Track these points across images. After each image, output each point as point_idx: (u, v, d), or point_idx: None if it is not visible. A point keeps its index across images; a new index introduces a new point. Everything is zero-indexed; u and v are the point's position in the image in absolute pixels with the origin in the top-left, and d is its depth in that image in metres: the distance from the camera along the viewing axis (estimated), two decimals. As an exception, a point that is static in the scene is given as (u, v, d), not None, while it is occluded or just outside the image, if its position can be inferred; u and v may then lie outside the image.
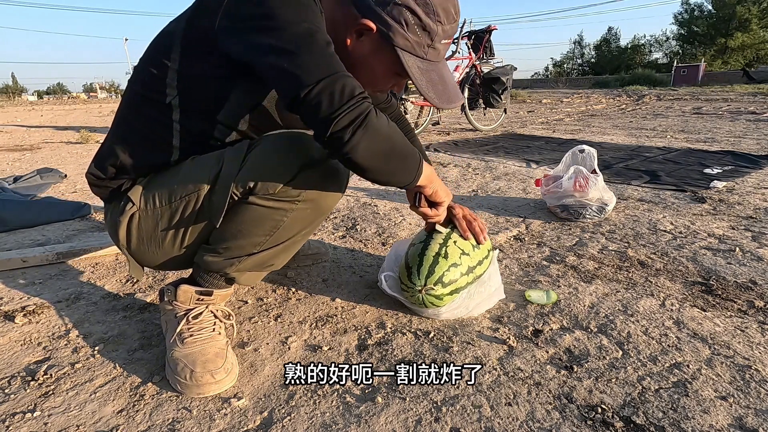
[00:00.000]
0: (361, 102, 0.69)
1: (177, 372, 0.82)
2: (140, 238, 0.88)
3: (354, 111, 0.68)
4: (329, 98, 0.66)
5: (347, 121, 0.67)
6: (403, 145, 0.78)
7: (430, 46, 0.80)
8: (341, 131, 0.67)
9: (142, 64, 0.84)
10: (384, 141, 0.73)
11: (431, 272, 0.99)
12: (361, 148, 0.69)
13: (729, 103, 7.92)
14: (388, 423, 0.74)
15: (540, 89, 20.63)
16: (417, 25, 0.77)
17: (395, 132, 0.75)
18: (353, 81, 0.70)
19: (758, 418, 0.72)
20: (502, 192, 2.26)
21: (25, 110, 12.33)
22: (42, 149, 4.23)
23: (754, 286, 1.17)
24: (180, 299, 0.90)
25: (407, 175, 0.81)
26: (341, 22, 0.79)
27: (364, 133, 0.69)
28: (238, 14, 0.71)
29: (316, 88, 0.66)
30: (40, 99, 36.72)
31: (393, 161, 0.77)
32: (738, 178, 2.34)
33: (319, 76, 0.67)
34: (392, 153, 0.76)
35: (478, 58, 4.67)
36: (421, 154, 0.85)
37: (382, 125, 0.72)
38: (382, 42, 0.78)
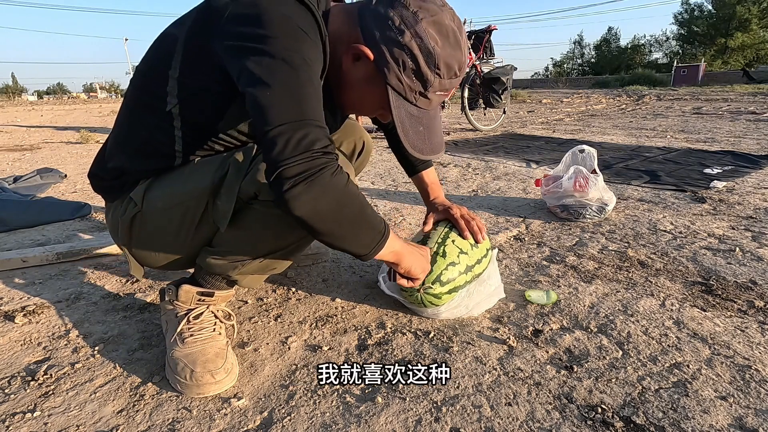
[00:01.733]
0: (318, 157, 0.66)
1: (177, 372, 0.82)
2: (142, 238, 0.88)
3: (304, 164, 0.64)
4: (284, 144, 0.64)
5: (293, 172, 0.64)
6: (359, 214, 0.74)
7: (422, 94, 0.78)
8: (284, 180, 0.64)
9: (144, 67, 0.83)
10: (332, 202, 0.68)
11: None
12: (300, 203, 0.65)
13: (729, 103, 7.92)
14: (388, 423, 0.74)
15: (540, 89, 20.63)
16: (413, 70, 0.75)
17: (353, 198, 0.72)
18: (318, 132, 0.67)
19: (758, 418, 0.72)
20: (502, 192, 2.26)
21: (25, 110, 12.33)
22: (42, 149, 4.23)
23: (754, 286, 1.17)
24: (181, 299, 0.90)
25: (360, 247, 0.77)
26: (344, 38, 0.77)
27: (307, 189, 0.65)
28: (235, 33, 0.69)
29: (276, 130, 0.64)
30: (40, 99, 36.71)
31: (342, 227, 0.72)
32: (738, 178, 2.34)
33: (284, 120, 0.64)
34: (341, 218, 0.71)
35: (478, 58, 4.68)
36: (383, 230, 0.79)
37: (336, 186, 0.68)
38: (376, 74, 0.76)
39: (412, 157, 1.22)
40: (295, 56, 0.67)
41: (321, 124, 0.68)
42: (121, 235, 0.89)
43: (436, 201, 1.21)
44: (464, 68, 0.80)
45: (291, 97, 0.66)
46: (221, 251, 0.86)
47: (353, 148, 1.16)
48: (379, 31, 0.74)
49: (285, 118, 0.65)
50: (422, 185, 1.24)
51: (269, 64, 0.66)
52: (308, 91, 0.67)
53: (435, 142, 0.83)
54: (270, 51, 0.66)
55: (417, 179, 1.24)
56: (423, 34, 0.73)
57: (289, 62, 0.66)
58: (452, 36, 0.75)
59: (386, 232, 0.80)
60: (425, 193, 1.24)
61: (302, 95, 0.67)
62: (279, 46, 0.66)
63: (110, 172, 0.88)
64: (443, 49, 0.74)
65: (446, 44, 0.75)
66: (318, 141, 0.66)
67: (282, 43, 0.67)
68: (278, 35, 0.67)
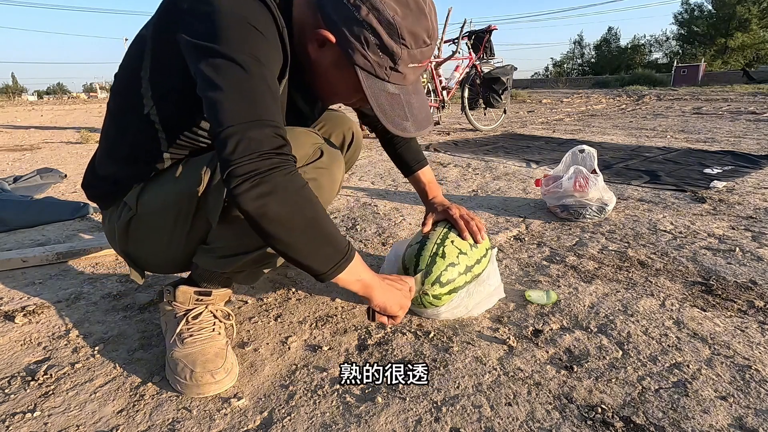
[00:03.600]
0: (269, 157, 0.64)
1: (177, 372, 0.82)
2: (139, 242, 0.88)
3: (253, 163, 0.63)
4: (234, 144, 0.63)
5: (241, 171, 0.63)
6: (314, 223, 0.70)
7: (393, 69, 0.75)
8: (232, 178, 0.63)
9: (120, 72, 0.83)
10: (282, 203, 0.65)
11: (428, 272, 0.99)
12: (246, 199, 0.64)
13: (729, 103, 7.92)
14: (388, 423, 0.74)
15: (540, 89, 20.63)
16: (377, 45, 0.72)
17: (308, 204, 0.69)
18: (270, 132, 0.65)
19: (758, 418, 0.72)
20: (502, 192, 2.26)
21: (25, 110, 12.33)
22: (42, 149, 4.23)
23: (754, 286, 1.17)
24: (179, 300, 0.90)
25: (316, 263, 0.72)
26: (308, 27, 0.76)
27: (254, 186, 0.63)
28: (191, 30, 0.68)
29: (227, 131, 0.63)
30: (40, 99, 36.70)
31: (294, 234, 0.68)
32: (738, 178, 2.34)
33: (235, 121, 0.64)
34: (293, 223, 0.68)
35: (478, 58, 4.68)
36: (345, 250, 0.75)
37: (287, 187, 0.66)
38: (343, 57, 0.74)
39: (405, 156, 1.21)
40: (247, 56, 0.65)
41: (274, 123, 0.66)
42: (119, 240, 0.90)
43: (434, 201, 1.20)
44: (435, 35, 0.76)
45: (242, 98, 0.64)
46: (215, 248, 0.86)
47: (342, 140, 1.14)
48: (337, 12, 0.72)
49: (236, 119, 0.64)
50: (419, 185, 1.23)
51: (221, 65, 0.65)
52: (261, 90, 0.66)
53: (419, 119, 0.80)
54: (222, 51, 0.65)
55: (413, 179, 1.24)
56: (379, 5, 0.70)
57: (240, 62, 0.65)
58: (413, 3, 0.72)
59: (350, 253, 0.76)
60: (423, 193, 1.23)
61: (254, 95, 0.65)
62: (231, 46, 0.65)
63: (102, 180, 0.89)
64: (404, 19, 0.71)
65: (407, 13, 0.71)
66: (268, 141, 0.65)
67: (234, 44, 0.65)
68: (230, 36, 0.66)
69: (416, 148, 1.23)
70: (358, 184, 2.50)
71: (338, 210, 1.98)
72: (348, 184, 2.49)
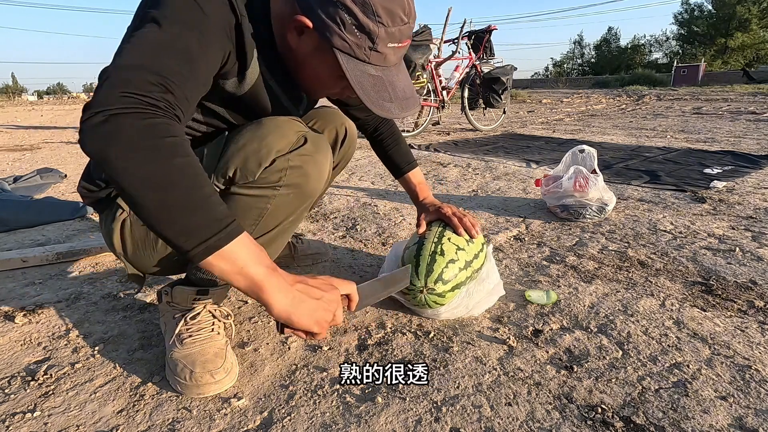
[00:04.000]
0: (129, 96, 0.56)
1: (177, 373, 0.82)
2: (134, 243, 0.88)
3: (107, 99, 0.56)
4: (103, 81, 0.58)
5: (94, 104, 0.56)
6: (179, 184, 0.57)
7: (372, 49, 0.73)
8: (85, 110, 0.57)
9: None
10: (131, 148, 0.55)
11: (430, 271, 0.99)
12: (90, 137, 0.56)
13: (729, 103, 7.92)
14: (388, 423, 0.74)
15: (540, 89, 20.63)
16: (354, 25, 0.70)
17: (170, 161, 0.57)
18: (150, 78, 0.58)
19: (758, 418, 0.72)
20: (502, 192, 2.26)
21: (25, 110, 12.33)
22: (42, 149, 4.22)
23: (754, 286, 1.17)
24: (177, 300, 0.90)
25: (177, 234, 0.58)
26: (286, 17, 0.75)
27: (103, 122, 0.55)
28: (140, 8, 0.67)
29: (104, 71, 0.59)
30: (40, 99, 36.66)
31: (144, 191, 0.56)
32: (738, 178, 2.34)
33: (118, 62, 0.59)
34: (144, 178, 0.56)
35: (478, 58, 4.68)
36: (225, 223, 0.60)
37: (142, 133, 0.56)
38: (322, 42, 0.73)
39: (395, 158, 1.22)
40: (171, 21, 0.63)
41: (162, 73, 0.59)
42: (114, 243, 0.90)
43: (425, 201, 1.21)
44: (412, 14, 0.75)
45: (138, 48, 0.60)
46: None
47: (335, 137, 1.12)
48: None
49: (118, 62, 0.59)
50: (409, 186, 1.23)
51: (143, 25, 0.62)
52: (166, 48, 0.61)
53: (404, 100, 0.78)
54: (150, 14, 0.63)
55: (404, 180, 1.24)
56: None
57: (160, 22, 0.62)
58: None
59: (228, 230, 0.60)
60: (414, 194, 1.23)
61: (154, 49, 0.61)
62: (160, 12, 0.62)
63: (96, 184, 0.89)
64: None
65: None
66: (139, 84, 0.57)
67: (165, 11, 0.63)
68: (166, 6, 0.63)
69: (406, 150, 1.24)
70: (358, 184, 2.50)
71: (338, 210, 1.98)
72: (348, 184, 2.49)
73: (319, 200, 1.36)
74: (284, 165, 0.81)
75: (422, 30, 4.09)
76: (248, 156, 0.79)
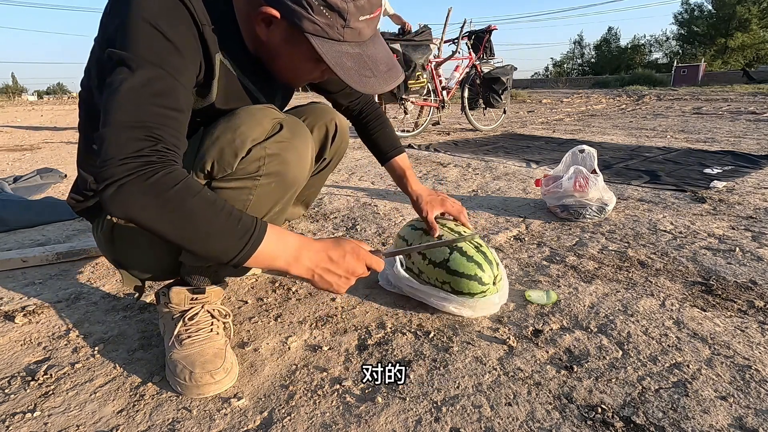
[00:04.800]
0: (126, 163, 0.61)
1: (176, 374, 0.82)
2: (125, 249, 0.88)
3: (110, 170, 0.61)
4: (98, 148, 0.63)
5: (102, 177, 0.62)
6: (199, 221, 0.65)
7: (344, 27, 0.72)
8: (99, 182, 0.63)
9: (81, 88, 0.84)
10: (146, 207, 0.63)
11: (490, 261, 1.07)
12: (113, 206, 0.63)
13: (729, 103, 7.92)
14: (388, 423, 0.74)
15: (540, 89, 20.63)
16: (322, 5, 0.69)
17: (181, 206, 0.64)
18: (137, 134, 0.63)
19: (758, 418, 0.72)
20: (502, 192, 2.26)
21: (25, 110, 12.33)
22: (42, 149, 4.22)
23: (754, 286, 1.17)
24: (174, 301, 0.90)
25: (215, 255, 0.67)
26: (252, 11, 0.74)
27: (117, 192, 0.61)
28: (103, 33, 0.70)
29: (98, 135, 0.63)
30: (40, 99, 36.64)
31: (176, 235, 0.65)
32: (738, 178, 2.34)
33: (106, 124, 0.63)
34: (170, 226, 0.64)
35: (478, 58, 4.68)
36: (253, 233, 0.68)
37: (151, 193, 0.62)
38: (292, 29, 0.72)
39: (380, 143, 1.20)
40: (139, 59, 0.65)
41: (147, 124, 0.64)
42: (107, 249, 0.90)
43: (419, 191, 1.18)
44: None
45: (118, 101, 0.63)
46: None
47: (325, 133, 1.11)
48: None
49: (107, 123, 0.63)
50: (396, 172, 1.20)
51: (113, 69, 0.65)
52: (142, 93, 0.64)
53: (387, 72, 0.78)
54: (117, 54, 0.65)
55: (389, 166, 1.21)
56: None
57: (129, 64, 0.64)
58: None
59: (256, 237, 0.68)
60: (401, 181, 1.20)
61: (132, 98, 0.64)
62: (127, 49, 0.65)
63: (84, 194, 0.90)
64: None
65: None
66: (129, 145, 0.62)
67: (130, 47, 0.65)
68: (130, 39, 0.65)
69: (392, 135, 1.22)
70: (358, 184, 2.50)
71: (338, 210, 1.98)
72: (348, 184, 2.49)
73: (316, 197, 1.35)
74: (261, 154, 0.80)
75: (422, 30, 4.09)
76: (223, 147, 0.78)
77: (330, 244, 0.76)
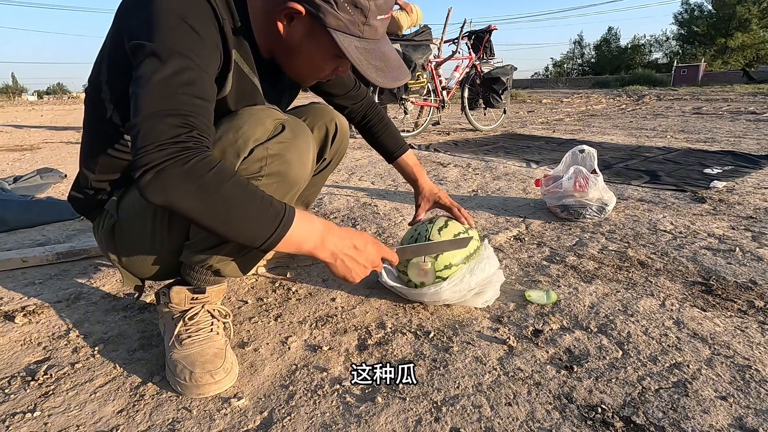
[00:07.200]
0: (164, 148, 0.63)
1: (176, 374, 0.82)
2: (127, 247, 0.88)
3: (148, 156, 0.62)
4: (135, 136, 0.64)
5: (140, 164, 0.63)
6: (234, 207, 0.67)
7: (365, 24, 0.75)
8: (136, 169, 0.63)
9: (88, 85, 0.85)
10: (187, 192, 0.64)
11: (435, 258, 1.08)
12: (150, 192, 0.63)
13: (729, 103, 7.92)
14: (388, 423, 0.74)
15: (540, 89, 20.63)
16: (347, 2, 0.72)
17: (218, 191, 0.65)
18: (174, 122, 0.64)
19: (758, 418, 0.72)
20: (502, 192, 2.26)
21: (25, 110, 12.33)
22: (42, 149, 4.22)
23: (754, 286, 1.17)
24: (174, 301, 0.90)
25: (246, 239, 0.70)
26: (272, 8, 0.76)
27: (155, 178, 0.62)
28: (129, 28, 0.70)
29: (132, 122, 0.64)
30: (40, 99, 36.59)
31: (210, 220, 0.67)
32: (738, 178, 2.34)
33: (141, 112, 0.64)
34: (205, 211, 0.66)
35: (478, 58, 4.68)
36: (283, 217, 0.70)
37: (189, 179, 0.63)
38: (315, 24, 0.75)
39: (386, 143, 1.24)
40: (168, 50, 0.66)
41: (181, 112, 0.65)
42: (107, 249, 0.90)
43: (424, 186, 1.25)
44: None
45: (152, 90, 0.65)
46: (195, 242, 0.85)
47: (325, 133, 1.12)
48: None
49: (142, 111, 0.64)
50: (404, 169, 1.26)
51: (144, 61, 0.66)
52: (174, 82, 0.66)
53: (396, 71, 0.83)
54: (147, 47, 0.66)
55: (398, 165, 1.26)
56: None
57: (160, 55, 0.66)
58: None
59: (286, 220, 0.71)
60: (411, 176, 1.26)
61: (165, 87, 0.65)
62: (157, 41, 0.66)
63: (85, 192, 0.90)
64: None
65: None
66: (167, 131, 0.64)
67: (160, 39, 0.66)
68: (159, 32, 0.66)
69: (397, 134, 1.25)
70: (358, 184, 2.50)
71: (338, 210, 1.98)
72: (348, 184, 2.49)
73: (316, 197, 1.36)
74: (263, 154, 0.80)
75: (422, 30, 4.09)
76: (225, 148, 0.79)
77: (353, 233, 0.80)
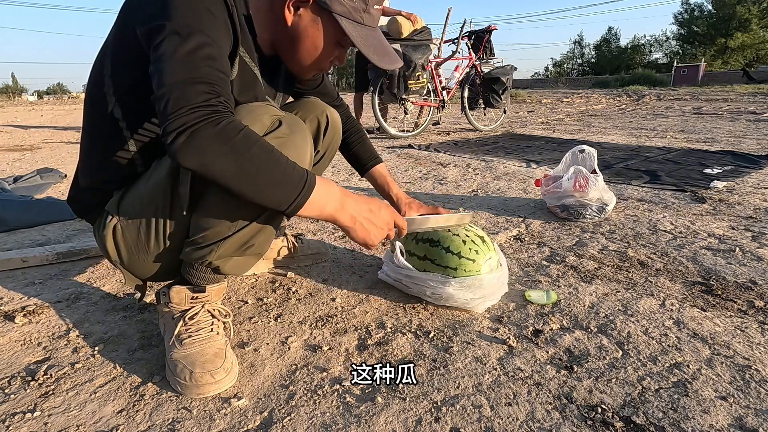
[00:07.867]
0: (197, 110, 0.66)
1: (176, 374, 0.82)
2: (128, 248, 0.88)
3: (183, 117, 0.65)
4: (166, 102, 0.66)
5: (174, 126, 0.65)
6: (263, 169, 0.70)
7: (365, 11, 0.83)
8: (167, 134, 0.66)
9: (88, 84, 0.86)
10: (219, 153, 0.67)
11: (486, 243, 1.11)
12: (183, 155, 0.65)
13: (729, 103, 7.92)
14: (388, 423, 0.74)
15: (540, 89, 20.64)
16: None
17: (249, 152, 0.69)
18: (202, 89, 0.67)
19: (758, 418, 0.72)
20: (502, 192, 2.26)
21: (25, 110, 12.33)
22: (42, 149, 4.22)
23: (754, 286, 1.17)
24: (174, 301, 0.89)
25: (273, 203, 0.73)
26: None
27: (188, 140, 0.65)
28: (144, 17, 0.73)
29: (160, 92, 0.67)
30: (40, 99, 36.60)
31: (242, 182, 0.69)
32: (738, 178, 2.34)
33: (169, 81, 0.67)
34: (238, 173, 0.68)
35: (478, 58, 4.68)
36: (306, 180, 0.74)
37: (220, 137, 0.66)
38: (320, 11, 0.82)
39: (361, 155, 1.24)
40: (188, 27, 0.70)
41: (207, 80, 0.69)
42: (108, 250, 0.90)
43: (401, 196, 1.22)
44: None
45: (176, 62, 0.68)
46: (196, 238, 0.85)
47: (317, 126, 1.11)
48: None
49: (169, 80, 0.67)
50: (376, 181, 1.25)
51: (165, 39, 0.69)
52: (198, 56, 0.69)
53: (392, 55, 0.91)
54: (167, 26, 0.69)
55: (370, 176, 1.25)
56: None
57: (180, 32, 0.69)
58: None
59: (309, 184, 0.74)
60: (385, 187, 1.24)
61: (189, 59, 0.69)
62: (175, 20, 0.70)
63: (85, 193, 0.90)
64: None
65: None
66: (197, 96, 0.67)
67: (178, 18, 0.70)
68: (176, 12, 0.70)
69: (371, 148, 1.26)
70: (358, 184, 2.50)
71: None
72: (348, 184, 2.49)
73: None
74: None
75: (422, 30, 4.09)
76: None
77: (366, 198, 0.85)
